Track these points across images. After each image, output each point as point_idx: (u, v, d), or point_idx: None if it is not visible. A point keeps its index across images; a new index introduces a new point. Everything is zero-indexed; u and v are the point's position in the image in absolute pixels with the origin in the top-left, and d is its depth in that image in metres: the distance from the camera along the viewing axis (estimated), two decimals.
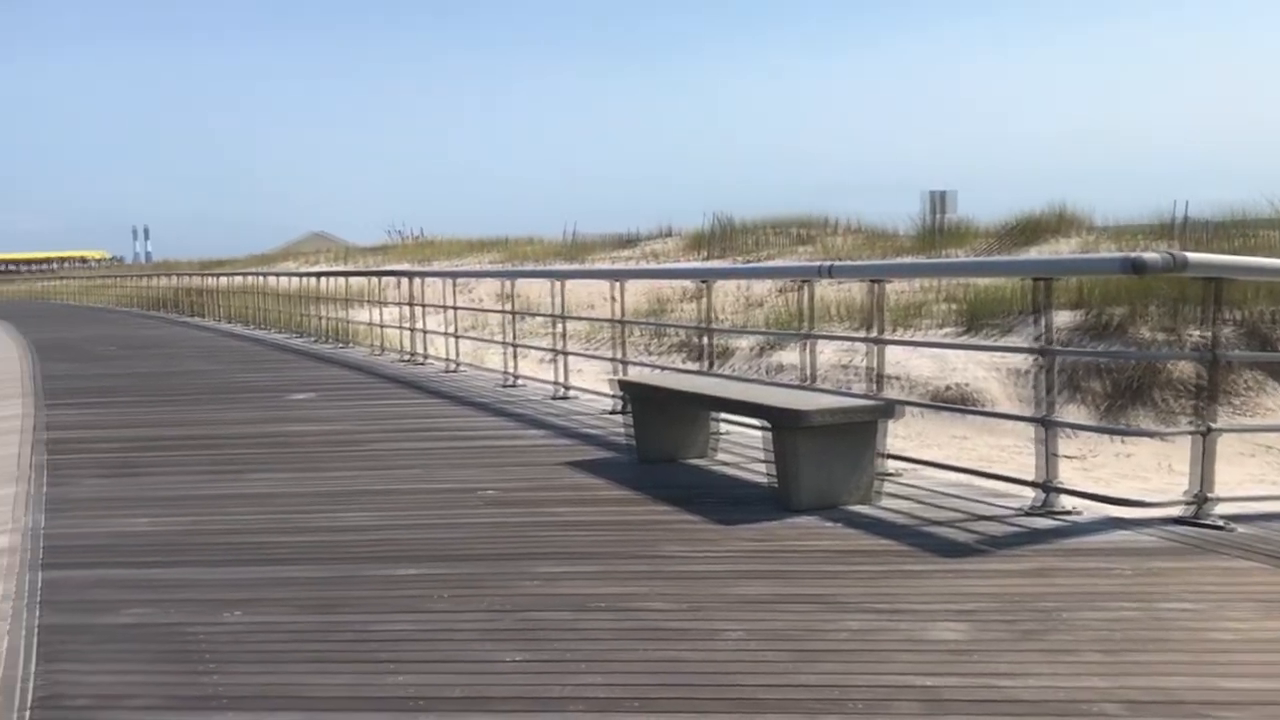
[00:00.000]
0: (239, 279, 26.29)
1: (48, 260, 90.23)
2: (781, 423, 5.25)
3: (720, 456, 6.54)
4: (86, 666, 3.61)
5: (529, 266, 24.49)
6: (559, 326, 10.08)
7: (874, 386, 6.17)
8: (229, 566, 4.70)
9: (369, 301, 16.48)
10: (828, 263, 7.56)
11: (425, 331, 13.54)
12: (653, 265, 22.22)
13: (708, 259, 23.14)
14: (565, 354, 9.86)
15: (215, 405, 10.06)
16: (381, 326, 15.27)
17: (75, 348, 17.97)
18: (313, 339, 17.38)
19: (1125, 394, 11.45)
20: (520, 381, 10.54)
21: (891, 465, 5.85)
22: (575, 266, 21.82)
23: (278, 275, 25.51)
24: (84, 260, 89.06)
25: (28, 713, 3.24)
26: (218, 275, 29.06)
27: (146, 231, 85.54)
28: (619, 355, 9.01)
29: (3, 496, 6.23)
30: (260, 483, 6.41)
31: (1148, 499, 5.24)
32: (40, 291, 55.07)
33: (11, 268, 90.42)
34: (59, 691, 3.39)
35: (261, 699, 3.27)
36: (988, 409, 11.15)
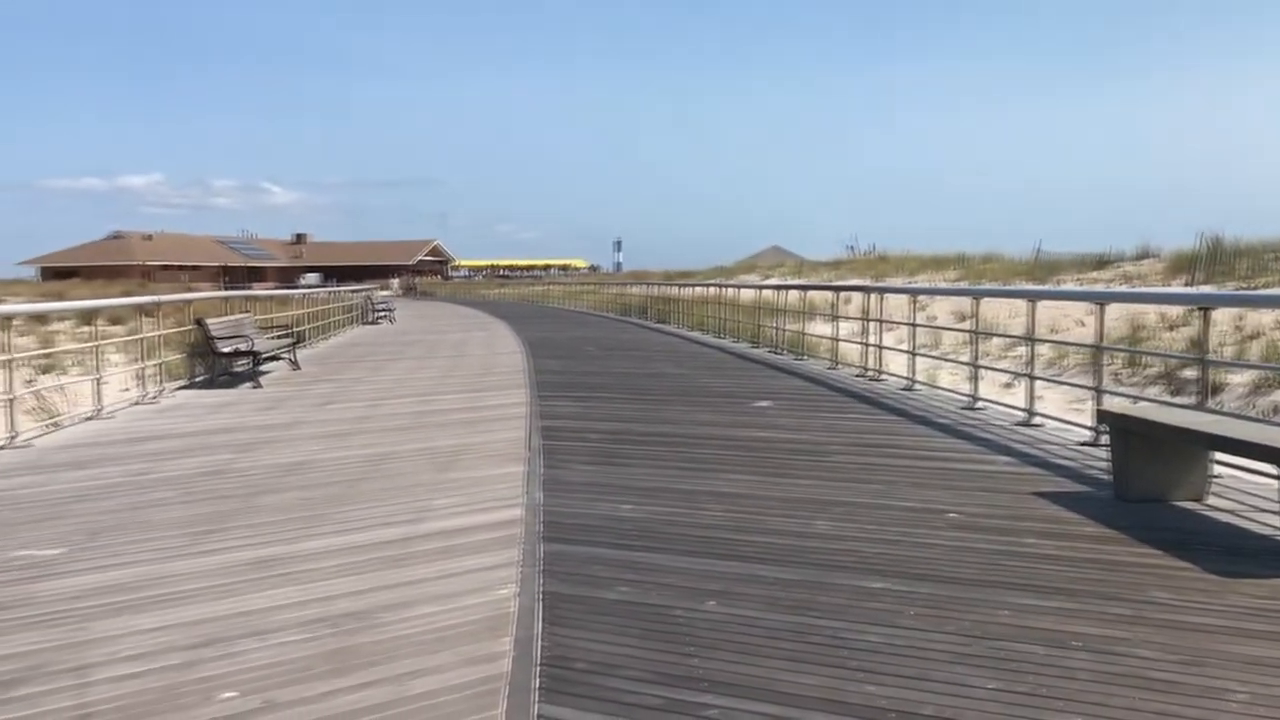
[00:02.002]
0: (700, 289, 27.73)
1: (536, 268, 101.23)
2: None
3: (1215, 501, 5.94)
4: (584, 634, 3.99)
5: (988, 285, 23.66)
6: (1021, 349, 9.62)
7: None
8: (703, 558, 4.99)
9: (825, 315, 16.68)
10: None
11: (882, 348, 13.49)
12: (1133, 289, 20.64)
13: (1190, 284, 21.08)
14: (1033, 378, 9.39)
15: (683, 405, 10.68)
16: (837, 340, 15.43)
17: (562, 346, 19.89)
18: (770, 349, 17.92)
19: None
20: (981, 404, 10.20)
21: None
22: (1050, 287, 20.81)
23: (737, 287, 26.65)
24: (565, 269, 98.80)
25: (539, 668, 3.65)
26: (681, 285, 30.90)
27: (619, 244, 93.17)
28: (1097, 383, 8.41)
29: (513, 474, 7.05)
30: (728, 483, 6.72)
31: None
32: (530, 295, 61.45)
33: (508, 273, 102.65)
34: (563, 654, 3.78)
35: (740, 688, 3.44)
36: None
